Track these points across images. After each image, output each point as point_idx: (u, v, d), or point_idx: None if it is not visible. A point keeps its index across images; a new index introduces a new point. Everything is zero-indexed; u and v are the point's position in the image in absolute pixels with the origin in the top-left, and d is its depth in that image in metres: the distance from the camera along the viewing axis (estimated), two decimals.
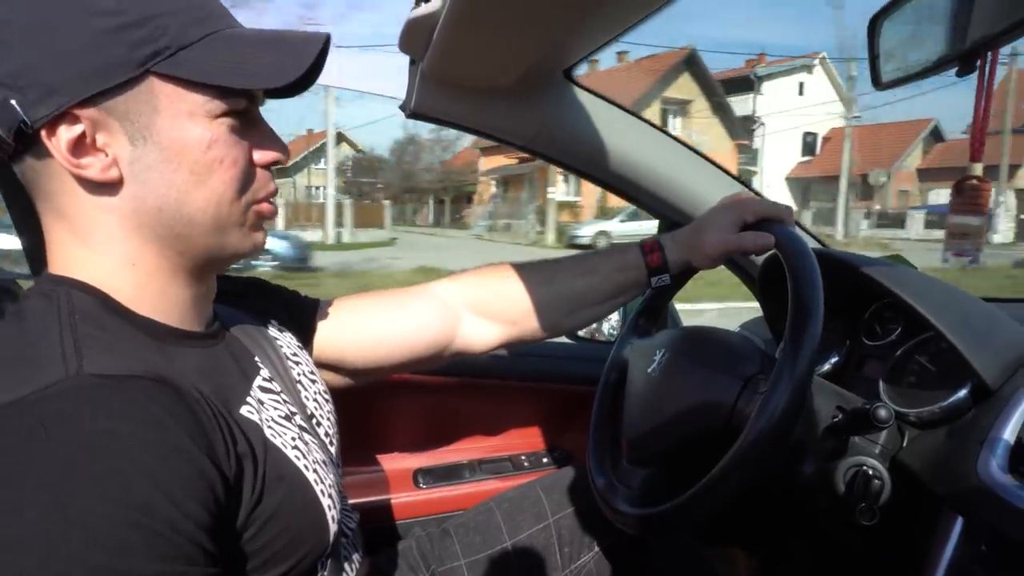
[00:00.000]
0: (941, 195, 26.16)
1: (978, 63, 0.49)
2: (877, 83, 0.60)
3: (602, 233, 17.87)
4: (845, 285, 0.84)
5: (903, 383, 0.78)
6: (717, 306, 6.36)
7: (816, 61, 29.12)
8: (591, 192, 21.75)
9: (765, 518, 1.09)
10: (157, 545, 0.41)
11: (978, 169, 0.58)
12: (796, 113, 27.10)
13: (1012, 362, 0.68)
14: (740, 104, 27.02)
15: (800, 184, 29.99)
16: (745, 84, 27.99)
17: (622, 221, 18.48)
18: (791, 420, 0.60)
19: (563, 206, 22.74)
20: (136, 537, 0.40)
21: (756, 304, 1.13)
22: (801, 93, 29.13)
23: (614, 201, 21.06)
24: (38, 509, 0.39)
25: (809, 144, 30.16)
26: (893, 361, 0.80)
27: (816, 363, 0.61)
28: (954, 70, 0.51)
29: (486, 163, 29.46)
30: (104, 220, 0.53)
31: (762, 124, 28.20)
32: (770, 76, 28.80)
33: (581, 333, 1.35)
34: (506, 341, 0.88)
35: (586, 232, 18.23)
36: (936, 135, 29.57)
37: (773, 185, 28.99)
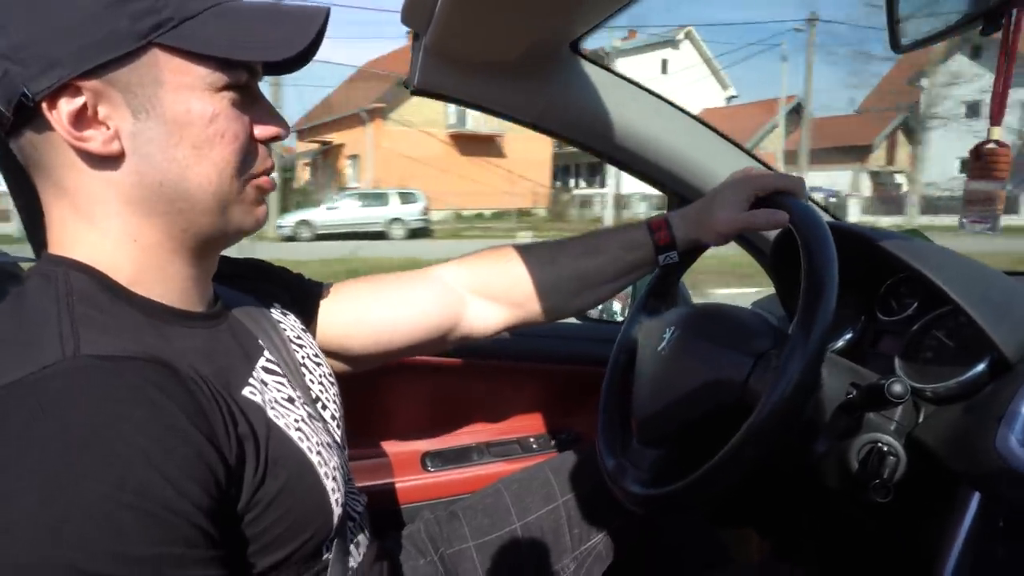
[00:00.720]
0: (810, 178, 25.01)
1: (1002, 21, 0.48)
2: (896, 47, 0.58)
3: (303, 223, 16.67)
4: (860, 259, 0.82)
5: (919, 359, 0.76)
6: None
7: (682, 35, 26.40)
8: (386, 180, 20.34)
9: (779, 498, 1.08)
10: (155, 527, 0.41)
11: (997, 132, 0.56)
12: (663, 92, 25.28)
13: None
14: None
15: None
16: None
17: (328, 209, 17.30)
18: (804, 395, 0.59)
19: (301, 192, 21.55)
20: (133, 520, 0.40)
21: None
22: (664, 71, 26.34)
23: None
24: (34, 493, 0.39)
25: None
26: (909, 336, 0.79)
27: (830, 337, 0.60)
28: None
29: (302, 147, 27.72)
30: (105, 195, 0.52)
31: None
32: (624, 53, 25.26)
33: (590, 313, 1.34)
34: (511, 324, 0.87)
35: (288, 222, 16.81)
36: (801, 114, 27.46)
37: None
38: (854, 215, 21.47)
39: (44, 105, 0.48)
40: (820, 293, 0.60)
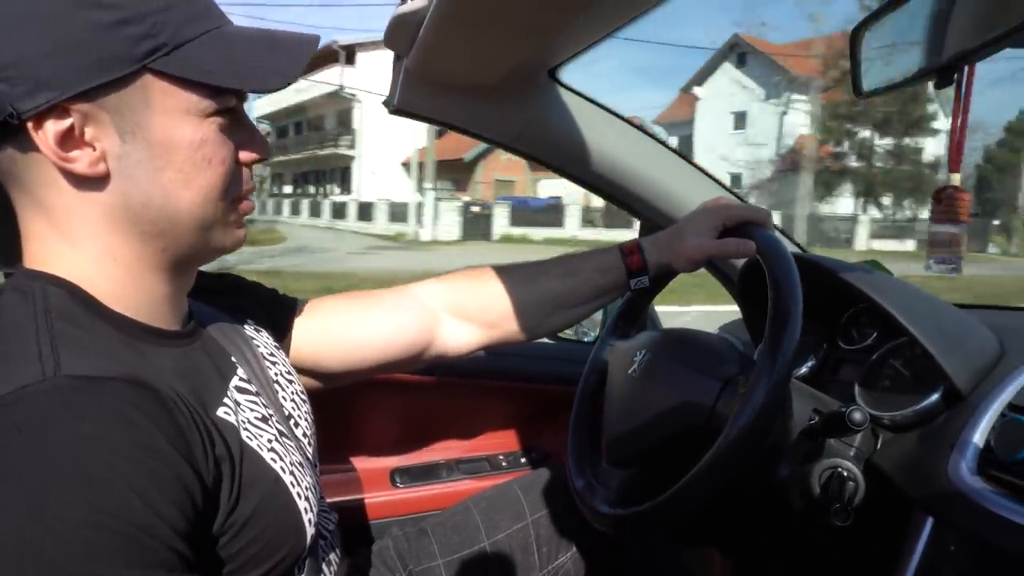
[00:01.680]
0: (549, 187, 23.58)
1: (955, 76, 0.51)
2: (858, 92, 0.61)
3: None
4: (822, 289, 0.85)
5: (878, 387, 0.79)
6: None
7: None
8: None
9: (742, 519, 1.10)
10: (132, 550, 0.40)
11: (956, 179, 0.59)
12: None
13: (983, 367, 0.70)
14: (326, 78, 23.58)
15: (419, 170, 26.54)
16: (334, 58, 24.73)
17: None
18: (769, 421, 0.61)
19: None
20: (110, 542, 0.40)
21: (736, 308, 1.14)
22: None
23: None
24: (11, 514, 0.38)
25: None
26: (868, 365, 0.82)
27: (794, 365, 0.62)
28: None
29: None
30: (87, 214, 0.52)
31: (357, 101, 25.13)
32: (365, 47, 24.22)
33: (561, 333, 1.35)
34: (485, 344, 0.88)
35: None
36: None
37: (381, 171, 26.63)
38: (574, 221, 20.47)
39: (30, 125, 0.48)
40: (785, 323, 0.62)
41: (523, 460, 1.34)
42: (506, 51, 0.80)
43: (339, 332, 0.82)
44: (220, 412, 0.54)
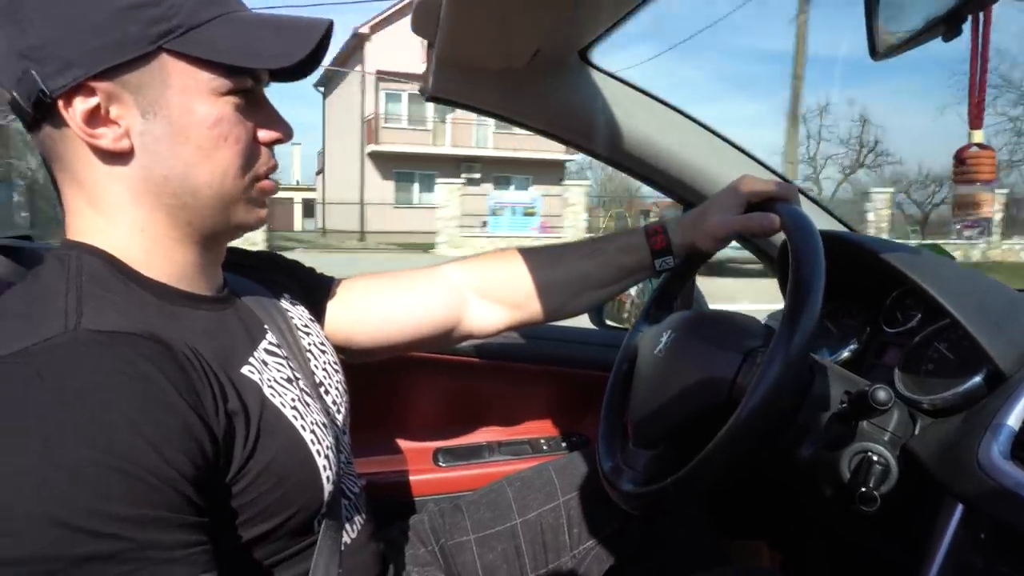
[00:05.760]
0: None
1: (968, 26, 0.47)
2: (874, 53, 0.57)
3: None
4: (867, 271, 0.81)
5: (920, 371, 0.75)
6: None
7: None
8: None
9: (788, 511, 1.07)
10: (139, 491, 0.44)
11: (978, 136, 0.55)
12: None
13: None
14: None
15: None
16: None
17: None
18: (784, 395, 0.59)
19: None
20: (118, 482, 0.43)
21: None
22: None
23: None
24: (29, 451, 0.43)
25: None
26: (909, 348, 0.78)
27: (813, 339, 0.60)
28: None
29: None
30: (115, 187, 0.57)
31: None
32: None
33: (609, 322, 1.34)
34: (512, 324, 0.90)
35: None
36: None
37: None
38: None
39: (60, 103, 0.53)
40: (805, 296, 0.60)
41: (564, 445, 1.34)
42: (527, 31, 0.80)
43: (372, 311, 0.85)
44: (244, 370, 0.58)
